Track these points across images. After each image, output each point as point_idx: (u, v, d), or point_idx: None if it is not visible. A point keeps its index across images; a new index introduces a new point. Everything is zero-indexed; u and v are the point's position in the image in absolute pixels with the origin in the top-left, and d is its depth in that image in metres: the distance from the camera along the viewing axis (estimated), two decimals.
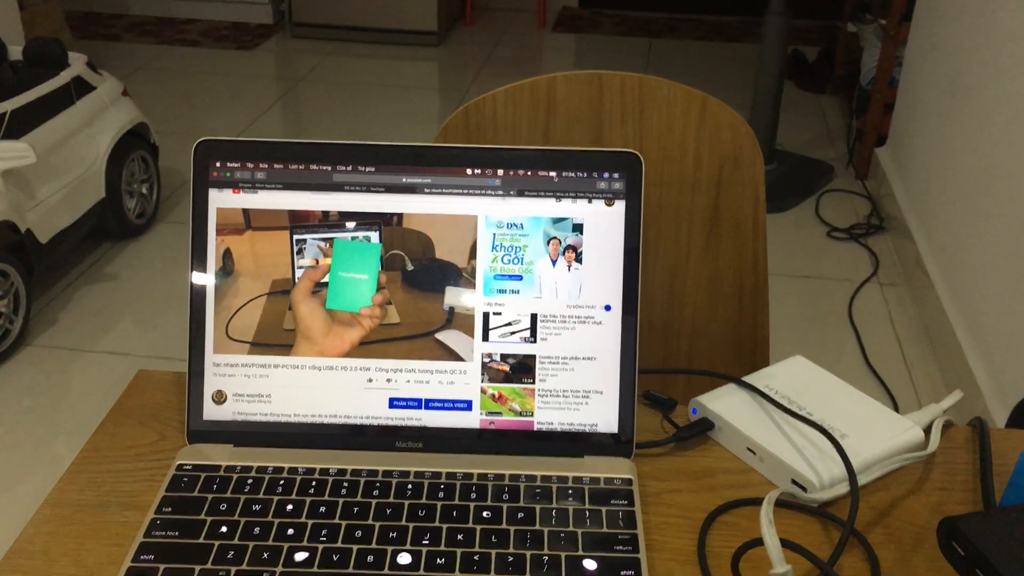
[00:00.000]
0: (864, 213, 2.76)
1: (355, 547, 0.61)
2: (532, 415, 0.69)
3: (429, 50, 4.03)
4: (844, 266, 2.52)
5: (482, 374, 0.69)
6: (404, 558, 0.60)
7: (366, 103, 3.47)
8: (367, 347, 0.69)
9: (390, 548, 0.61)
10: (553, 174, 0.69)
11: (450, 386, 0.69)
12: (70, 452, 1.81)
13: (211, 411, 0.70)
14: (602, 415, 0.69)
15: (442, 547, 0.61)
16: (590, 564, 0.60)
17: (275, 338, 0.70)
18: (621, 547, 0.61)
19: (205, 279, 0.70)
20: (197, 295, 0.70)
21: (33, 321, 2.19)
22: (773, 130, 2.90)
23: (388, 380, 0.69)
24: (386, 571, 0.59)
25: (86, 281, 2.36)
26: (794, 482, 0.67)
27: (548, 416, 0.69)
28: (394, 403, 0.70)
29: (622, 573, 0.59)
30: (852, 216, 2.75)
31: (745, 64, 3.97)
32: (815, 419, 0.70)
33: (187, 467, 0.67)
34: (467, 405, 0.69)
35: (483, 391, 0.69)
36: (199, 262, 0.70)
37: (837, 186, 2.92)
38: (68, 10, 4.23)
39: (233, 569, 0.59)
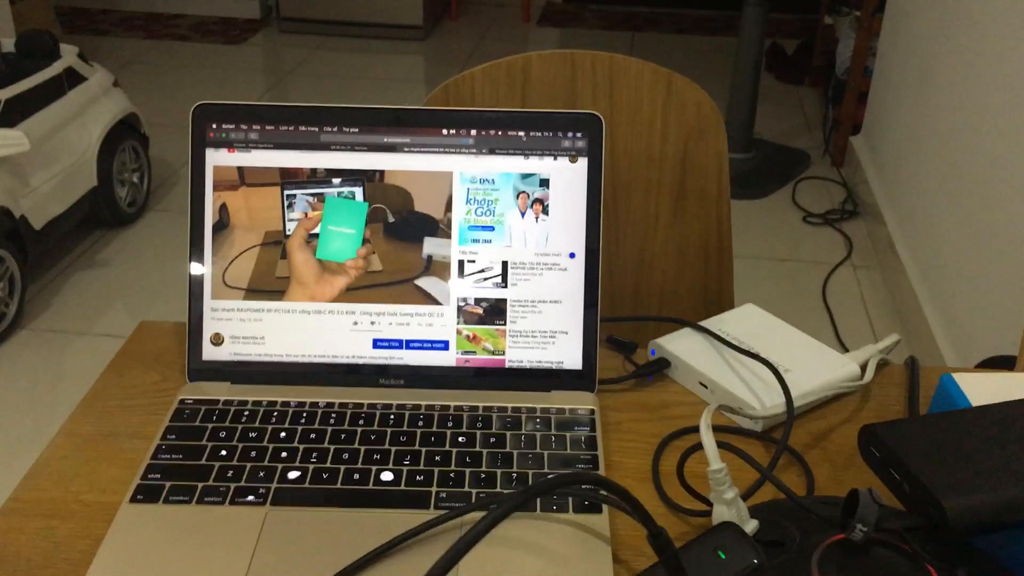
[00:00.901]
0: (839, 199, 2.84)
1: (343, 467, 0.67)
2: (504, 354, 0.76)
3: (415, 44, 4.09)
4: (819, 250, 2.60)
5: (458, 317, 0.76)
6: (387, 475, 0.67)
7: (353, 96, 3.53)
8: (353, 292, 0.76)
9: (374, 467, 0.67)
10: (522, 134, 0.75)
11: (428, 328, 0.76)
12: None
13: (210, 352, 0.76)
14: (568, 353, 0.76)
15: (421, 466, 0.67)
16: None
17: (268, 285, 0.76)
18: (583, 465, 0.68)
19: (203, 231, 0.76)
20: (196, 246, 0.76)
21: (28, 305, 2.25)
22: (751, 120, 2.98)
23: (372, 323, 0.76)
24: (371, 486, 0.66)
25: (79, 267, 2.42)
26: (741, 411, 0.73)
27: (518, 354, 0.76)
28: (378, 343, 0.76)
29: (583, 486, 0.66)
30: (827, 202, 2.83)
31: (726, 57, 4.04)
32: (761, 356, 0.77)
33: (188, 401, 0.73)
34: (444, 345, 0.76)
35: (459, 332, 0.76)
36: (197, 216, 0.76)
37: (813, 173, 2.99)
38: (58, 5, 4.28)
39: (232, 485, 0.66)
